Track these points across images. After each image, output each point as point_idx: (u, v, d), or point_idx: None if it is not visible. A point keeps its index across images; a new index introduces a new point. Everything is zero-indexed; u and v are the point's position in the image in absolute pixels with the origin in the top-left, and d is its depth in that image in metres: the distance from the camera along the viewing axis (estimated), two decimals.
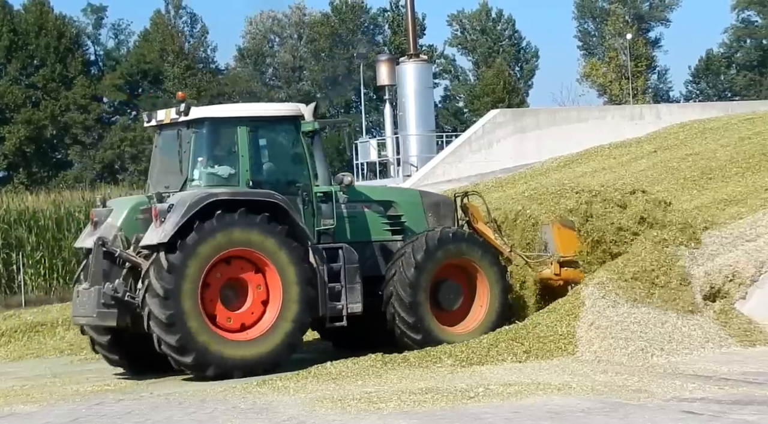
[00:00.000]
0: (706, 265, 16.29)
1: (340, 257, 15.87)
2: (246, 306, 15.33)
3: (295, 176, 16.17)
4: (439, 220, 17.14)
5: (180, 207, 14.79)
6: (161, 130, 16.46)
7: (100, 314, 15.15)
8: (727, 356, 14.54)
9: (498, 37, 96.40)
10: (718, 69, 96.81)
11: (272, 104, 17.10)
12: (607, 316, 15.21)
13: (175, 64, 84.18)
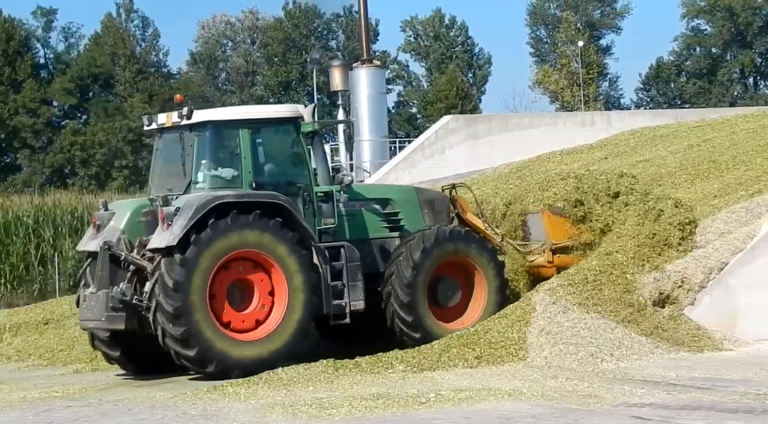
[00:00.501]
0: (655, 271, 16.41)
1: (342, 256, 16.11)
2: (252, 306, 15.49)
3: (296, 177, 16.36)
4: (434, 216, 17.40)
5: (187, 210, 14.95)
6: (162, 133, 16.56)
7: (109, 318, 15.30)
8: (676, 362, 14.66)
9: (451, 44, 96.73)
10: (668, 77, 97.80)
11: (272, 106, 17.24)
12: (557, 322, 15.28)
13: (126, 68, 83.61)
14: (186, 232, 14.85)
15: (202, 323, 14.93)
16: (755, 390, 12.44)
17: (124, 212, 16.08)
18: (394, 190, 18.13)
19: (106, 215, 16.14)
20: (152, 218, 15.70)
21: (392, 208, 17.25)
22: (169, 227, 14.93)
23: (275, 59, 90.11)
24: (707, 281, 16.20)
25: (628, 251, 16.65)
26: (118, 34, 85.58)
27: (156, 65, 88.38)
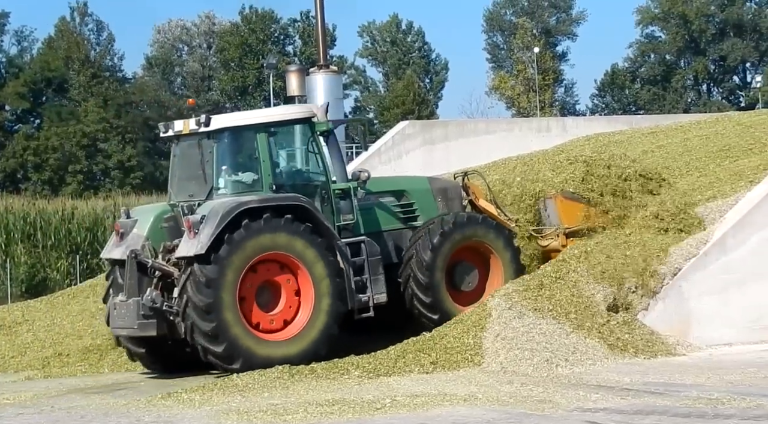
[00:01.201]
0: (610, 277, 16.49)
1: (363, 251, 16.50)
2: (279, 307, 15.80)
3: (313, 176, 16.77)
4: (447, 204, 17.87)
5: (213, 218, 15.23)
6: (179, 140, 16.70)
7: (141, 326, 15.64)
8: (630, 367, 14.74)
9: (408, 49, 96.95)
10: (623, 83, 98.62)
11: (286, 107, 17.55)
12: (513, 327, 15.33)
13: (80, 72, 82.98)
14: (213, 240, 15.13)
15: (231, 321, 15.22)
16: (707, 395, 12.54)
17: (147, 218, 16.38)
18: (407, 182, 18.41)
19: (129, 222, 16.41)
20: (174, 224, 16.18)
21: (407, 199, 17.69)
22: (196, 235, 15.21)
23: (232, 64, 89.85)
24: (661, 287, 16.31)
25: (581, 256, 16.74)
26: (72, 38, 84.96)
27: (111, 70, 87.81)
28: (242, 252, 15.36)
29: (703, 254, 16.36)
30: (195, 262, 15.18)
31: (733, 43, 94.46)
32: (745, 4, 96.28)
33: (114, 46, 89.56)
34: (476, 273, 17.42)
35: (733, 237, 16.45)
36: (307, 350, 15.64)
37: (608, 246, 16.84)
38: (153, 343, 16.07)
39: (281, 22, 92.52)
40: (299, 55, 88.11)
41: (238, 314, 15.35)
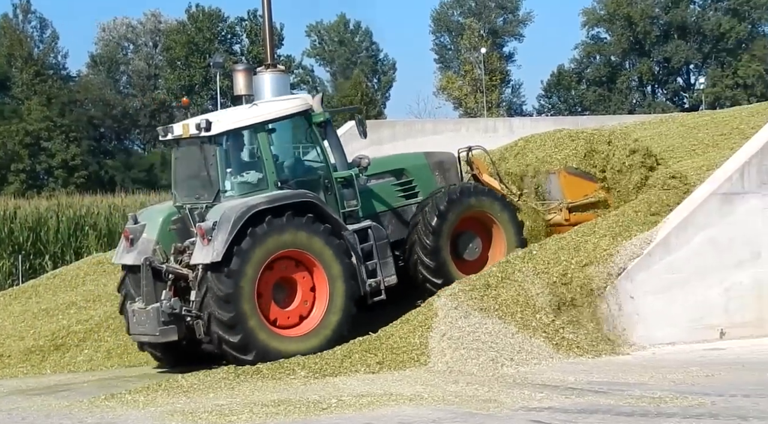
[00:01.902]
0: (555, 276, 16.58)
1: (370, 236, 16.82)
2: (295, 303, 16.07)
3: (315, 167, 16.97)
4: (445, 176, 18.24)
5: (225, 224, 15.44)
6: (179, 144, 16.79)
7: (162, 332, 15.89)
8: (574, 366, 14.84)
9: (356, 49, 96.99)
10: (569, 84, 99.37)
11: (283, 102, 17.50)
12: (459, 326, 15.37)
13: (23, 70, 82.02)
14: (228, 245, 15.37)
15: (249, 313, 15.48)
16: (650, 394, 12.66)
17: (155, 223, 16.61)
18: (405, 160, 18.59)
19: (137, 227, 16.61)
20: (182, 225, 16.50)
21: (406, 177, 18.00)
22: (210, 242, 15.42)
23: (178, 63, 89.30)
24: (606, 286, 16.42)
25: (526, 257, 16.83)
26: (15, 35, 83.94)
27: (54, 67, 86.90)
28: (258, 252, 15.58)
29: (647, 254, 16.50)
30: (211, 270, 15.41)
31: (677, 45, 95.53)
32: (689, 7, 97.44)
33: (58, 44, 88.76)
34: (479, 243, 17.78)
35: (677, 237, 16.61)
36: (321, 347, 15.77)
37: (553, 247, 16.94)
38: (172, 345, 16.32)
39: (228, 21, 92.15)
40: (246, 55, 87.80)
41: (255, 307, 15.59)
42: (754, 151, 17.06)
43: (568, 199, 18.68)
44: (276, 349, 15.54)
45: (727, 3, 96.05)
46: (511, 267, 16.55)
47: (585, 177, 18.84)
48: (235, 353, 15.49)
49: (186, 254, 16.16)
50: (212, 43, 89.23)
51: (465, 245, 17.67)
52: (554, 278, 16.34)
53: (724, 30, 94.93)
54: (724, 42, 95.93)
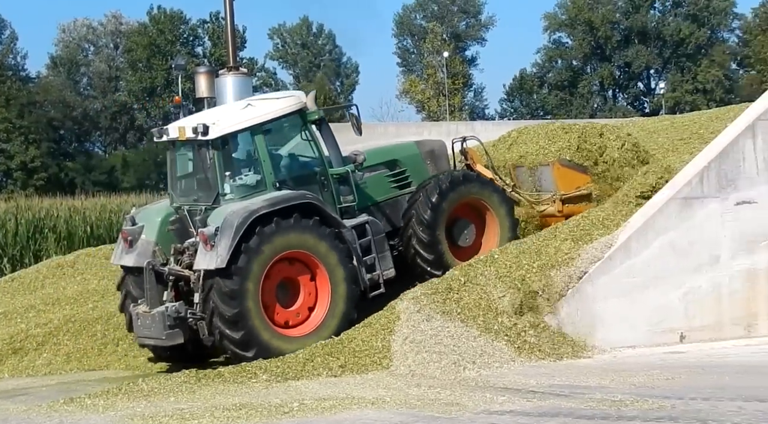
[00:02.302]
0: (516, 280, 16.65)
1: (368, 231, 16.99)
2: (298, 303, 16.26)
3: (311, 165, 17.10)
4: (436, 164, 18.46)
5: (228, 230, 15.53)
6: (174, 145, 16.91)
7: (169, 335, 16.03)
8: (536, 369, 14.89)
9: (319, 52, 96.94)
10: (531, 88, 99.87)
11: (276, 102, 17.40)
12: (421, 330, 15.38)
13: None
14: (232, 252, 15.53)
15: (252, 311, 15.62)
16: (611, 397, 12.73)
17: (153, 224, 16.70)
18: (397, 150, 18.76)
19: (135, 229, 16.69)
20: (180, 225, 16.65)
21: (399, 167, 18.23)
22: (213, 248, 15.51)
23: (139, 64, 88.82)
24: (567, 290, 16.49)
25: (488, 261, 16.88)
26: None
27: (14, 68, 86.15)
28: (261, 257, 15.71)
29: (608, 257, 16.58)
30: (216, 276, 15.53)
31: (637, 50, 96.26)
32: (649, 12, 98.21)
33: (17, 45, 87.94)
34: (473, 229, 18.05)
35: (637, 241, 16.71)
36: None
37: (515, 251, 17.00)
38: (177, 347, 16.45)
39: (190, 23, 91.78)
40: (209, 57, 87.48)
41: (259, 306, 15.72)
42: (713, 156, 17.20)
43: (561, 190, 18.99)
44: (277, 347, 15.68)
45: (686, 9, 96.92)
46: (473, 271, 16.59)
47: (578, 169, 19.18)
48: (237, 350, 15.62)
49: (186, 255, 16.30)
50: (174, 45, 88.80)
51: (460, 232, 17.93)
52: (516, 281, 16.39)
53: (683, 35, 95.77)
54: (683, 47, 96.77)
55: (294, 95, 17.32)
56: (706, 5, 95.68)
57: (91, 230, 34.07)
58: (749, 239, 17.19)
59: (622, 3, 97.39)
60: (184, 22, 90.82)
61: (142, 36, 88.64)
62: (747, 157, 17.25)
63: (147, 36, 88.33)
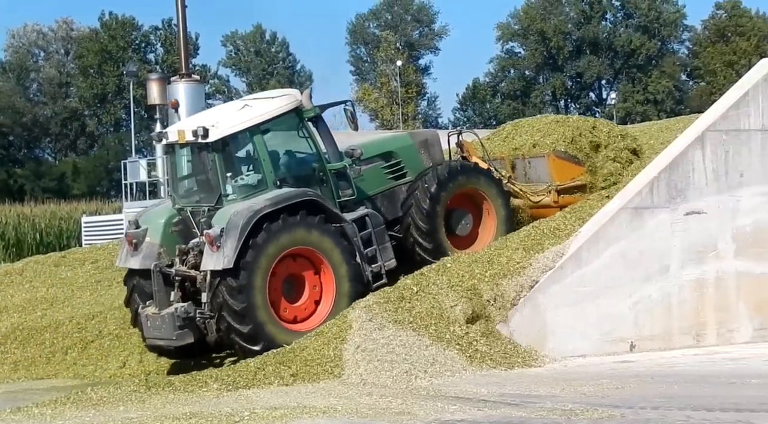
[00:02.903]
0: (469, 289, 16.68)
1: (368, 223, 17.42)
2: (303, 298, 16.65)
3: (309, 161, 17.43)
4: (430, 154, 18.91)
5: (233, 231, 15.87)
6: (174, 149, 17.19)
7: (179, 336, 16.30)
8: (487, 378, 14.92)
9: (272, 59, 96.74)
10: (484, 97, 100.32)
11: (273, 101, 17.46)
12: (373, 338, 15.36)
13: None
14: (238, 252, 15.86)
15: (260, 305, 15.98)
16: (562, 406, 12.77)
17: (157, 226, 16.95)
18: (391, 142, 19.23)
19: (139, 232, 16.93)
20: (183, 226, 16.94)
21: (395, 158, 18.59)
22: (219, 249, 15.84)
23: (90, 71, 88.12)
24: (518, 299, 16.55)
25: (440, 270, 16.91)
26: None
27: None
28: (267, 253, 16.06)
29: (559, 267, 16.67)
30: (223, 276, 15.84)
31: (589, 60, 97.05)
32: (601, 23, 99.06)
33: None
34: (470, 218, 18.47)
35: (588, 250, 16.81)
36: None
37: (467, 261, 17.05)
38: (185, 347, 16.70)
39: (143, 30, 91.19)
40: (161, 64, 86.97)
41: (266, 301, 16.07)
42: (664, 166, 17.37)
43: (557, 181, 19.35)
44: (284, 341, 15.89)
45: (637, 20, 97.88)
46: (425, 280, 16.62)
47: (572, 161, 19.57)
48: (245, 344, 15.92)
49: (191, 255, 16.61)
50: (126, 51, 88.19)
51: (457, 222, 18.35)
52: (468, 290, 16.43)
53: (634, 46, 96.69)
54: (634, 58, 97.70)
55: (289, 94, 17.65)
56: (656, 17, 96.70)
57: (40, 238, 33.81)
58: (698, 249, 17.37)
59: (573, 14, 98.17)
60: (136, 29, 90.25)
61: (93, 42, 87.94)
62: (696, 168, 17.44)
63: (98, 42, 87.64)
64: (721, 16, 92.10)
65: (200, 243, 16.41)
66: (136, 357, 17.94)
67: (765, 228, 17.75)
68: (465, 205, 18.47)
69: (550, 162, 19.47)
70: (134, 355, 18.04)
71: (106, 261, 22.87)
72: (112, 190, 75.75)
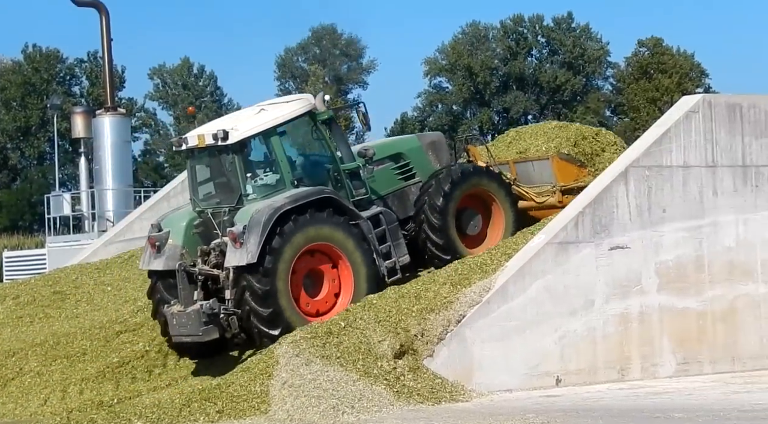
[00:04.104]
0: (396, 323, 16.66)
1: (382, 221, 18.23)
2: (323, 293, 17.54)
3: (324, 162, 18.30)
4: (437, 156, 19.95)
5: (256, 228, 16.71)
6: (194, 153, 17.97)
7: (205, 331, 17.10)
8: (414, 413, 14.89)
9: (200, 93, 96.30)
10: (412, 131, 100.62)
11: (288, 105, 18.47)
12: (300, 374, 15.28)
13: None
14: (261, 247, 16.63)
15: (281, 291, 16.83)
16: None
17: (178, 229, 17.78)
18: (401, 144, 20.15)
19: (162, 235, 17.73)
20: (204, 228, 17.79)
21: (404, 160, 19.56)
22: (242, 245, 16.64)
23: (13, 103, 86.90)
24: (446, 333, 16.57)
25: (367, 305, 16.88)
26: None
27: None
28: (289, 248, 16.91)
29: (486, 301, 16.73)
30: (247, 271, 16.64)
31: (515, 95, 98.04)
32: (527, 59, 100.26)
33: None
34: (480, 218, 19.39)
35: (514, 285, 16.91)
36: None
37: (394, 296, 17.05)
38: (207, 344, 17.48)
39: (67, 62, 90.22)
40: (86, 96, 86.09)
41: (287, 289, 16.92)
42: (588, 202, 17.56)
43: (561, 182, 20.04)
44: (290, 320, 16.76)
45: (562, 57, 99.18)
46: (353, 315, 16.58)
47: (575, 162, 20.34)
48: (263, 327, 16.71)
49: (212, 255, 17.46)
50: (50, 84, 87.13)
51: (467, 221, 19.25)
52: (396, 325, 16.41)
53: (560, 82, 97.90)
54: (560, 94, 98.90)
55: (303, 98, 18.56)
56: (581, 54, 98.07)
57: None
58: (622, 283, 17.56)
59: (500, 50, 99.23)
60: (61, 61, 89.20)
61: (16, 74, 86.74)
62: (620, 203, 17.66)
63: (21, 74, 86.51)
64: (643, 53, 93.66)
65: (221, 243, 17.24)
66: (57, 395, 17.65)
67: (687, 263, 18.03)
68: (475, 205, 19.35)
69: (554, 164, 20.23)
70: (56, 392, 17.74)
71: (28, 297, 22.51)
72: (34, 224, 74.58)
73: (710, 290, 18.12)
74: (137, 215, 34.56)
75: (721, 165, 18.31)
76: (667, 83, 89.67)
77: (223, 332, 17.20)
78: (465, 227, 19.27)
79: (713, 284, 18.14)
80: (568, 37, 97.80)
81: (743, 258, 18.38)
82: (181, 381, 17.73)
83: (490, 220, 19.46)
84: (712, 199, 18.20)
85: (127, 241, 29.46)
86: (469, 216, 19.33)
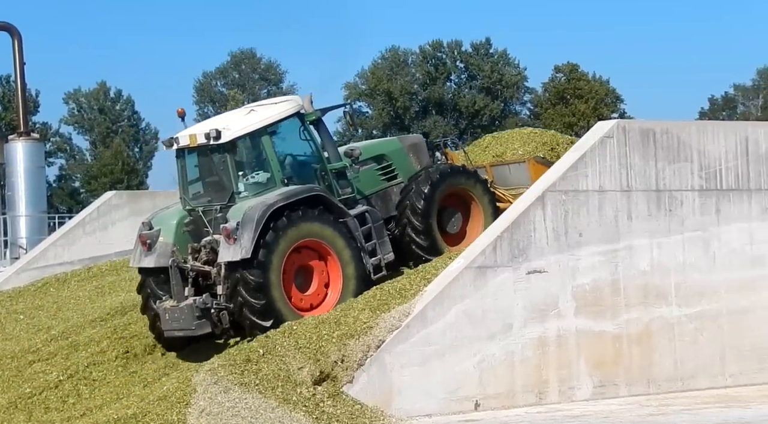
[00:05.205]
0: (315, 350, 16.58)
1: (368, 219, 18.86)
2: (313, 288, 18.08)
3: (311, 161, 18.92)
4: (418, 157, 20.71)
5: (249, 224, 17.22)
6: (185, 152, 18.37)
7: (198, 326, 17.61)
8: None
9: (117, 117, 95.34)
10: None
11: (277, 106, 19.02)
12: (218, 402, 15.13)
13: None
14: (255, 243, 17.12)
15: (274, 283, 17.36)
16: None
17: (169, 227, 18.26)
18: (383, 146, 20.86)
19: (153, 233, 18.18)
20: (194, 227, 18.34)
21: (386, 161, 20.26)
22: (236, 241, 17.13)
23: None
24: (365, 359, 16.53)
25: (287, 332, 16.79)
26: None
27: None
28: (282, 243, 17.42)
29: (405, 326, 16.71)
30: (242, 266, 17.11)
31: (435, 120, 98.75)
32: (446, 84, 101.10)
33: None
34: (460, 217, 20.15)
35: (433, 309, 16.92)
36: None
37: (314, 322, 16.98)
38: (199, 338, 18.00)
39: None
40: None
41: (280, 282, 17.43)
42: (506, 226, 17.65)
43: None
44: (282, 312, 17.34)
45: (480, 82, 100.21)
46: (272, 342, 16.47)
47: (551, 166, 20.27)
48: (255, 318, 17.19)
49: (203, 252, 18.00)
50: None
51: (448, 220, 20.01)
52: (315, 352, 16.34)
53: (478, 107, 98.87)
54: (479, 118, 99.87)
55: (292, 99, 19.13)
56: (499, 79, 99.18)
57: None
58: (540, 307, 17.68)
59: (419, 75, 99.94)
60: None
61: None
62: (537, 227, 17.79)
63: None
64: (560, 79, 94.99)
65: (212, 241, 17.83)
66: None
67: (603, 286, 18.21)
68: (454, 204, 20.05)
69: (530, 167, 21.01)
70: None
71: None
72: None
73: (626, 314, 18.31)
74: (51, 242, 33.99)
75: (636, 189, 18.57)
76: (583, 108, 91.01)
77: (214, 326, 17.65)
78: (446, 225, 19.96)
79: (629, 307, 18.35)
80: (487, 63, 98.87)
81: (658, 281, 18.63)
82: (96, 410, 17.39)
83: (469, 217, 20.19)
84: (627, 224, 18.44)
85: (40, 268, 29.01)
86: (449, 215, 20.03)
